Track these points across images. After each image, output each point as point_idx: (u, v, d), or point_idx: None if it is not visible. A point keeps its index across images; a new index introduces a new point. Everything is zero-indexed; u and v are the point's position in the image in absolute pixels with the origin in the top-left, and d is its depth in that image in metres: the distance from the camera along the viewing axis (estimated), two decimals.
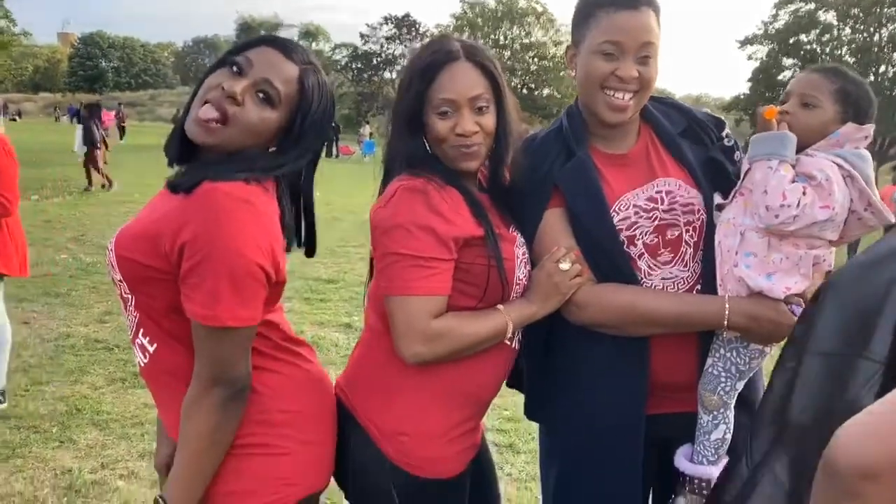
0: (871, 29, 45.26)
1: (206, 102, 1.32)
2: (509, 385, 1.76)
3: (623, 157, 1.64)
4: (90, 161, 13.31)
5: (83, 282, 6.84)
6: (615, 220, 1.57)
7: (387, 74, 58.57)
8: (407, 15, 58.18)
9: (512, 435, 3.94)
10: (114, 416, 3.90)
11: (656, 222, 1.58)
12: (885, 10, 42.39)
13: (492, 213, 1.54)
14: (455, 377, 1.52)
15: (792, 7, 46.39)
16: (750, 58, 51.62)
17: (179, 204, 1.26)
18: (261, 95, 1.34)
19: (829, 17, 46.51)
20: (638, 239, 1.58)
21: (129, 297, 1.35)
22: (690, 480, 1.64)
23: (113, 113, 21.40)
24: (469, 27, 57.27)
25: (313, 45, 58.73)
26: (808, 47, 48.39)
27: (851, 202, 1.49)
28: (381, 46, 58.64)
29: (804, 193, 1.43)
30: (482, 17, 57.31)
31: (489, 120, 1.50)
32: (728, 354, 1.57)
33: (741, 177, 1.55)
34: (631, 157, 1.64)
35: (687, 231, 1.60)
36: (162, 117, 50.40)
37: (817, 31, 47.84)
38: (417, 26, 58.35)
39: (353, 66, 58.15)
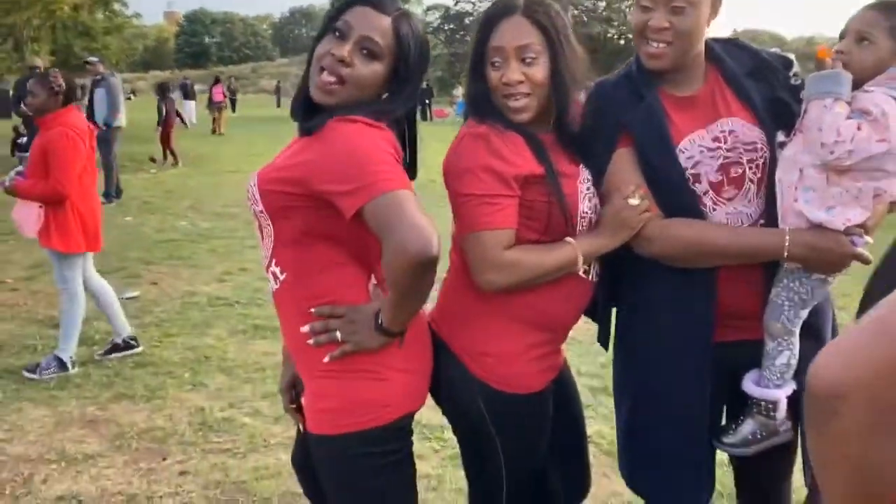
0: None
1: (322, 69, 1.53)
2: (589, 316, 1.91)
3: (690, 98, 1.73)
4: (162, 138, 14.04)
5: (202, 246, 7.40)
6: (681, 158, 1.68)
7: None
8: None
9: (605, 379, 4.06)
10: (238, 363, 4.31)
11: (720, 161, 1.68)
12: None
13: (555, 152, 1.68)
14: (530, 303, 1.68)
15: None
16: None
17: (312, 141, 1.50)
18: (365, 52, 1.53)
19: None
20: (703, 177, 1.68)
21: (269, 225, 1.58)
22: (757, 403, 1.75)
23: (222, 87, 22.50)
24: None
25: (405, 6, 58.82)
26: None
27: None
28: (474, 5, 58.04)
29: (859, 129, 1.50)
30: None
31: (537, 71, 1.62)
32: (791, 284, 1.66)
33: (802, 114, 1.63)
34: (698, 98, 1.73)
35: (750, 168, 1.69)
36: (264, 89, 51.75)
37: None
38: None
39: (446, 28, 57.87)
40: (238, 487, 3.00)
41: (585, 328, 1.99)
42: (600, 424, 3.57)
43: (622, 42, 49.86)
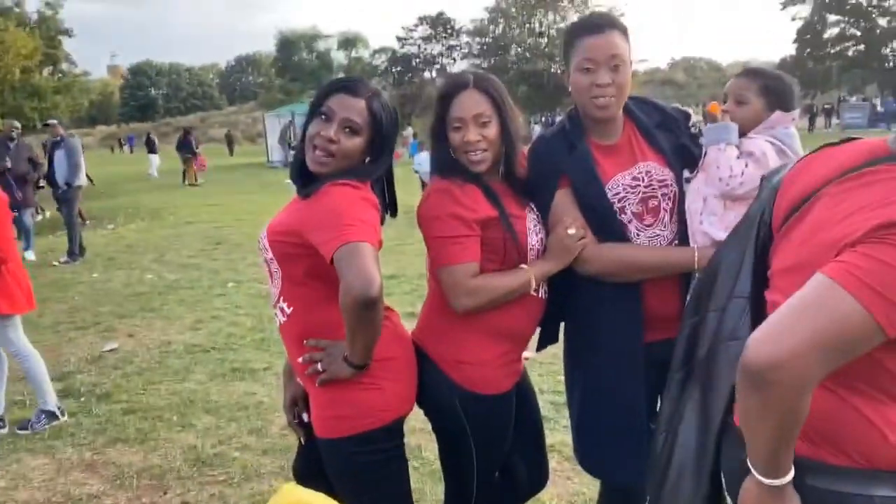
0: None
1: (314, 147, 1.91)
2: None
3: (613, 146, 2.13)
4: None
5: (171, 296, 7.59)
6: (609, 195, 2.07)
7: (427, 74, 58.81)
8: (441, 13, 58.50)
9: (564, 395, 4.43)
10: (221, 404, 4.56)
11: (640, 195, 2.08)
12: None
13: (506, 197, 2.07)
14: (497, 319, 2.06)
15: None
16: (793, 18, 50.22)
17: (309, 202, 1.86)
18: (347, 130, 1.92)
19: None
20: (627, 208, 2.08)
21: (277, 270, 1.94)
22: None
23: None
24: (504, 18, 57.14)
25: (353, 52, 59.52)
26: (854, 1, 46.86)
27: None
28: (419, 47, 59.12)
29: (746, 166, 1.93)
30: (516, 6, 57.08)
31: (491, 131, 2.02)
32: None
33: (702, 157, 2.04)
34: (619, 146, 2.13)
35: (664, 201, 2.09)
36: (214, 138, 51.59)
37: None
38: (452, 23, 58.62)
39: (393, 70, 58.78)
40: None
41: (545, 351, 2.36)
42: (562, 435, 3.90)
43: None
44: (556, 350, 2.36)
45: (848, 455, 1.28)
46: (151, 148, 23.88)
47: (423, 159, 16.48)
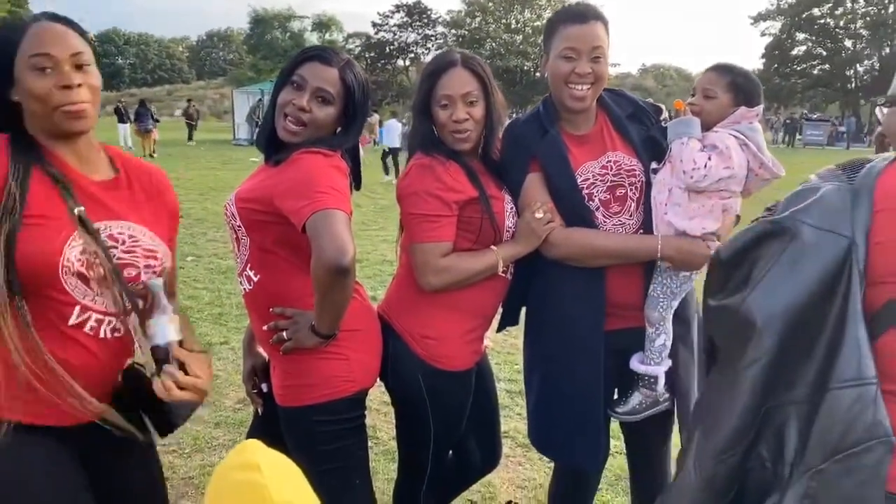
0: (886, 1, 44.74)
1: (285, 115, 1.89)
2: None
3: (584, 136, 2.16)
4: None
5: None
6: (578, 181, 2.10)
7: (400, 62, 58.55)
8: (418, 2, 58.23)
9: (520, 384, 4.46)
10: None
11: (608, 184, 2.11)
12: None
13: (485, 178, 2.09)
14: (464, 298, 2.08)
15: None
16: (763, 34, 51.15)
17: (280, 170, 1.84)
18: (319, 99, 1.90)
19: None
20: (595, 196, 2.11)
21: (245, 237, 1.91)
22: (642, 378, 2.18)
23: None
24: (481, 12, 57.14)
25: (326, 35, 58.96)
26: (822, 21, 47.95)
27: (749, 164, 2.02)
28: (394, 34, 58.82)
29: (710, 159, 1.97)
30: (493, 2, 57.11)
31: (478, 111, 2.04)
32: (664, 280, 2.10)
33: (668, 150, 2.08)
34: (590, 135, 2.16)
35: (631, 190, 2.13)
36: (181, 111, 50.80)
37: (830, 4, 47.23)
38: (429, 13, 58.43)
39: (367, 56, 58.38)
40: (186, 482, 3.24)
41: (503, 339, 2.41)
42: (516, 422, 3.96)
43: (538, 75, 51.46)
44: (515, 340, 2.39)
45: None
46: (121, 118, 23.15)
47: (390, 127, 16.35)
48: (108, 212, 1.58)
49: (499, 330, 2.36)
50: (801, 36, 49.08)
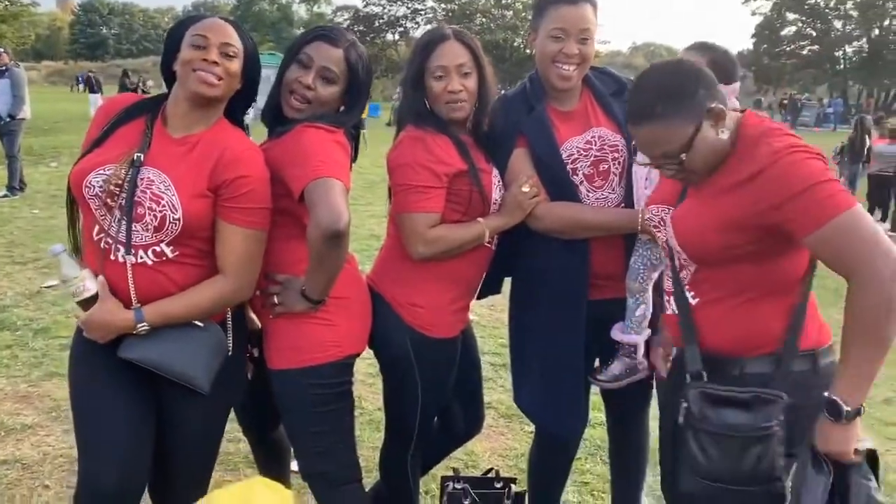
0: None
1: (291, 92, 1.95)
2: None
3: (570, 112, 2.22)
4: None
5: None
6: (563, 156, 2.15)
7: (389, 36, 57.92)
8: None
9: (504, 357, 4.53)
10: None
11: (592, 159, 2.17)
12: None
13: (475, 151, 2.14)
14: (451, 267, 2.14)
15: None
16: (753, 13, 50.98)
17: (282, 140, 1.89)
18: (324, 78, 1.96)
19: None
20: (579, 170, 2.17)
21: None
22: (623, 347, 2.25)
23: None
24: None
25: (315, 8, 58.25)
26: (812, 1, 47.83)
27: None
28: (383, 8, 58.14)
29: None
30: None
31: (471, 83, 2.09)
32: (644, 252, 2.16)
33: None
34: (575, 112, 2.22)
35: (614, 165, 2.19)
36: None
37: None
38: None
39: (355, 29, 57.75)
40: None
41: (489, 314, 2.46)
42: (499, 394, 4.04)
43: (528, 52, 51.13)
44: (501, 315, 2.45)
45: None
46: (92, 88, 23.31)
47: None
48: (154, 159, 1.83)
49: (479, 298, 2.42)
50: (791, 16, 48.96)
